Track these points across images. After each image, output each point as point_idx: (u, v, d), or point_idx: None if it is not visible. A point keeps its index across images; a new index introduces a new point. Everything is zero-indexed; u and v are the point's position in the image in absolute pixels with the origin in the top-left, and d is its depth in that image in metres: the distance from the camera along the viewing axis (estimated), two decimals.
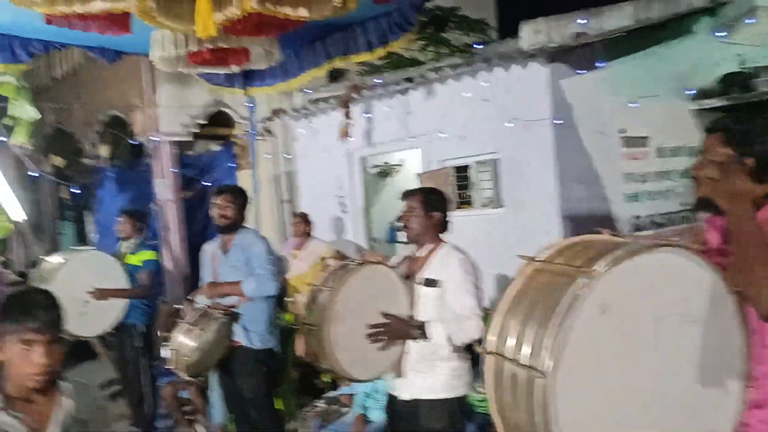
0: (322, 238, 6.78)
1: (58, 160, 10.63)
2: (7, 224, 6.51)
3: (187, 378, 3.98)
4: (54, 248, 10.55)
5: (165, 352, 3.95)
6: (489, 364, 1.70)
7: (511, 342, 1.63)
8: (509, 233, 5.81)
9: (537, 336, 1.55)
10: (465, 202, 6.45)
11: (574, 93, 5.76)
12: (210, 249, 4.31)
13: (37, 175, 8.32)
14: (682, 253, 1.65)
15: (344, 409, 4.22)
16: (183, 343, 3.77)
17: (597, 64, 5.77)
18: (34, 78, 10.37)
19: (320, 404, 4.40)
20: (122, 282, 5.24)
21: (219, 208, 4.11)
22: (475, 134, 6.09)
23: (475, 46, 7.21)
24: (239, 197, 4.24)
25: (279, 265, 4.20)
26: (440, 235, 3.14)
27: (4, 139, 6.45)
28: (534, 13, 6.41)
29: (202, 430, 5.23)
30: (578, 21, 5.97)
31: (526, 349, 1.57)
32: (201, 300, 4.14)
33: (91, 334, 5.49)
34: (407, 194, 3.18)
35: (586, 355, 1.54)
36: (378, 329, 2.78)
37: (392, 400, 3.13)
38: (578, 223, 5.71)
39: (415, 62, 8.49)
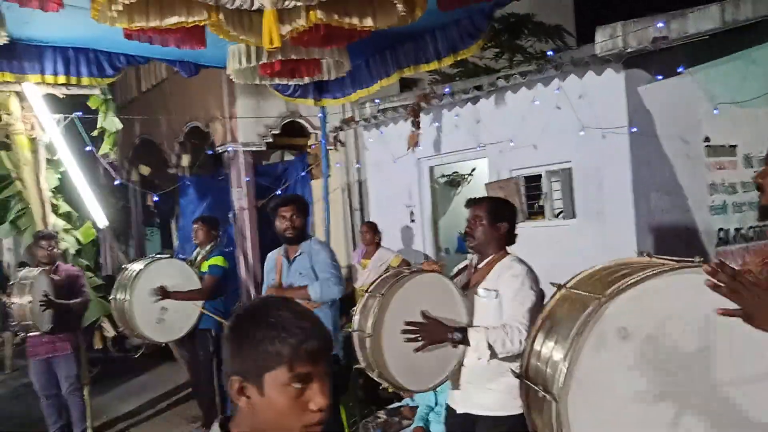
0: (391, 248, 6.78)
1: (145, 169, 11.20)
2: (91, 230, 6.87)
3: None
4: (141, 253, 11.12)
5: None
6: (522, 388, 1.70)
7: (534, 366, 1.64)
8: (583, 245, 5.61)
9: (554, 362, 1.55)
10: (536, 213, 6.29)
11: (653, 100, 5.51)
12: (274, 257, 4.38)
13: (121, 183, 8.76)
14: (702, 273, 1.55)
15: (405, 422, 4.17)
16: None
17: (678, 70, 5.49)
18: (124, 91, 11.02)
19: (382, 415, 4.37)
20: (195, 286, 5.41)
21: (286, 220, 4.16)
22: (546, 143, 5.94)
23: (549, 53, 7.06)
24: (304, 207, 4.30)
25: (341, 272, 4.21)
26: (507, 247, 3.04)
27: (91, 149, 6.81)
28: (614, 17, 6.20)
29: None
30: (657, 24, 5.72)
31: (548, 374, 1.57)
32: None
33: (168, 340, 5.71)
34: (473, 203, 3.10)
35: (600, 380, 1.51)
36: (413, 328, 2.70)
37: (450, 412, 3.07)
38: (660, 234, 5.45)
39: (489, 70, 8.39)
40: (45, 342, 5.41)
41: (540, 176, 6.18)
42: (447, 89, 6.72)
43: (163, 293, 5.21)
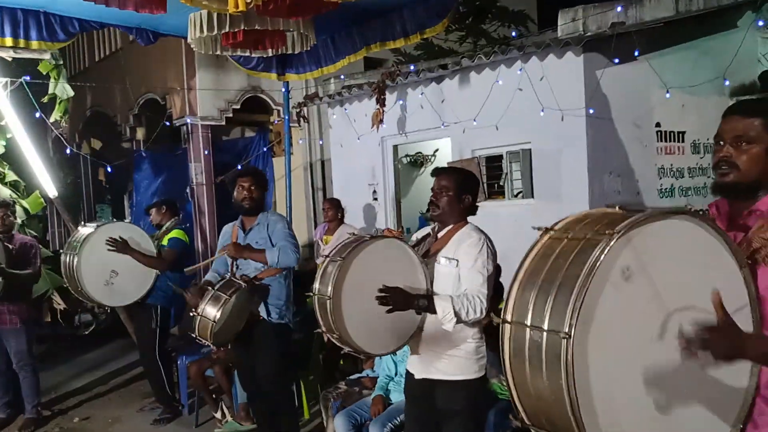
0: (354, 225, 6.77)
1: (96, 143, 10.84)
2: (40, 200, 6.64)
3: (212, 345, 4.01)
4: None
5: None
6: (506, 333, 1.64)
7: (531, 309, 1.59)
8: (541, 224, 5.70)
9: (559, 301, 1.52)
10: (496, 193, 6.37)
11: (610, 84, 5.63)
12: (230, 229, 4.36)
13: (73, 153, 8.47)
14: (696, 220, 1.64)
15: (366, 392, 4.19)
16: (209, 311, 3.82)
17: (635, 54, 5.62)
18: (75, 60, 10.63)
19: (342, 386, 4.38)
20: (149, 251, 5.30)
21: (245, 190, 4.16)
22: (508, 124, 6.00)
23: (513, 35, 7.11)
24: (263, 180, 4.31)
25: (298, 242, 4.24)
26: (467, 217, 3.08)
27: (40, 115, 6.57)
28: (576, 3, 6.31)
29: (225, 410, 5.26)
30: (617, 9, 5.84)
31: (548, 314, 1.54)
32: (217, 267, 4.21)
33: (113, 304, 5.59)
34: (440, 172, 3.13)
35: (609, 317, 1.52)
36: (383, 294, 2.73)
37: (409, 377, 3.12)
38: None
39: (452, 53, 8.42)
40: None
41: (501, 156, 6.25)
42: (413, 67, 6.71)
43: (122, 246, 5.05)
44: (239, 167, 8.48)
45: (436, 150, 8.17)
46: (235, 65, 6.67)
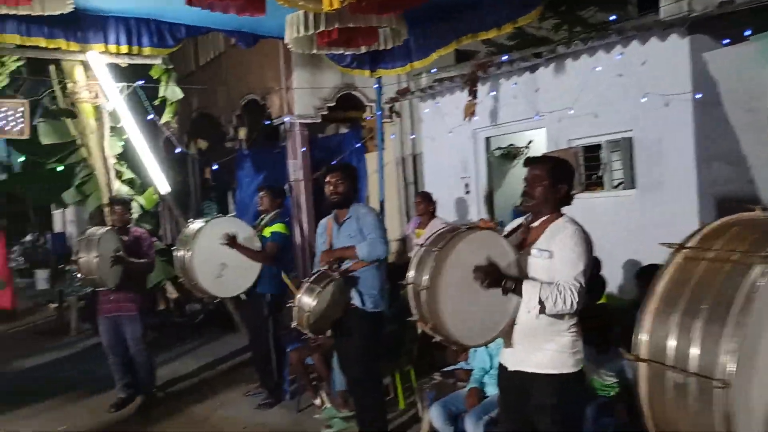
0: (446, 219, 6.78)
1: (202, 143, 11.46)
2: (154, 196, 7.11)
3: (310, 334, 4.21)
4: None
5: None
6: (643, 373, 1.47)
7: (671, 345, 1.39)
8: (642, 217, 5.49)
9: (708, 337, 1.30)
10: (594, 184, 6.17)
11: (718, 66, 5.31)
12: (325, 223, 4.55)
13: (182, 153, 8.99)
14: None
15: (460, 384, 4.21)
16: (305, 302, 4.01)
17: (745, 34, 5.27)
18: (181, 65, 11.25)
19: (436, 377, 4.42)
20: (256, 248, 5.54)
21: (331, 185, 4.33)
22: (607, 112, 5.81)
23: (612, 18, 6.86)
24: (350, 174, 4.45)
25: (387, 234, 4.39)
26: (561, 208, 3.01)
27: (153, 117, 7.04)
28: None
29: (324, 397, 5.43)
30: None
31: (694, 354, 1.33)
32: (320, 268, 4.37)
33: (224, 295, 5.89)
34: (534, 161, 3.07)
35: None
36: (479, 270, 2.73)
37: (502, 370, 3.08)
38: (722, 205, 5.28)
39: (547, 42, 8.22)
40: (112, 300, 5.66)
41: (599, 146, 6.05)
42: (505, 57, 6.62)
43: (231, 241, 5.32)
44: (333, 163, 8.70)
45: (530, 142, 8.01)
46: (330, 64, 6.85)
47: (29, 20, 5.24)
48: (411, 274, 2.87)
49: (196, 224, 5.51)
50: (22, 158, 9.26)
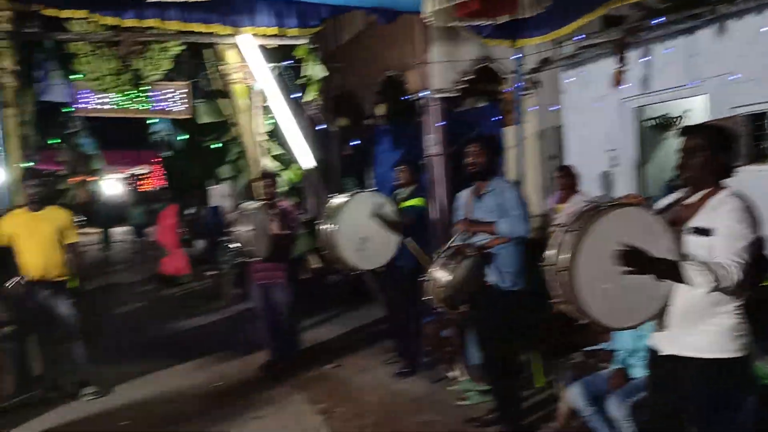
0: (589, 194, 6.48)
1: (342, 121, 11.79)
2: (300, 171, 7.45)
3: (442, 309, 4.21)
4: None
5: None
6: None
7: None
8: None
9: None
10: (762, 156, 5.60)
11: None
12: (464, 195, 4.48)
13: (324, 130, 9.31)
14: None
15: (602, 365, 4.04)
16: (439, 276, 4.00)
17: None
18: (323, 45, 11.61)
19: (576, 357, 4.27)
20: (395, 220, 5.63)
21: (470, 156, 4.24)
22: None
23: None
24: (490, 146, 4.34)
25: (528, 211, 4.23)
26: (721, 181, 2.74)
27: (298, 96, 7.34)
28: None
29: (460, 370, 5.45)
30: None
31: None
32: (457, 236, 4.34)
33: (366, 267, 6.06)
34: (691, 129, 2.83)
35: None
36: (623, 251, 2.55)
37: (653, 355, 2.89)
38: None
39: (704, 2, 7.52)
40: (262, 270, 6.04)
41: (766, 114, 5.47)
42: (658, 21, 6.14)
43: (381, 216, 5.43)
44: (474, 134, 8.60)
45: (685, 111, 7.41)
46: (468, 36, 6.75)
47: (189, 7, 5.65)
48: (550, 253, 2.76)
49: (340, 198, 5.71)
50: (185, 137, 10.08)
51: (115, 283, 13.01)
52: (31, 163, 6.68)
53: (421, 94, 8.52)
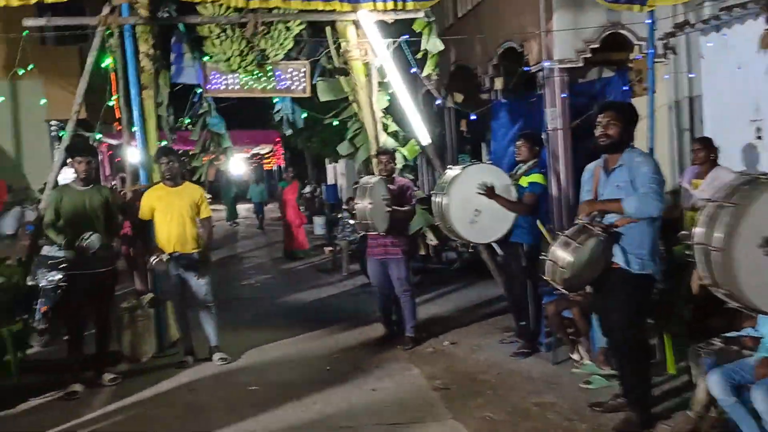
0: (730, 168, 5.96)
1: (458, 97, 11.62)
2: (416, 147, 7.43)
3: (563, 291, 4.02)
4: None
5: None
6: None
7: None
8: None
9: None
10: None
11: None
12: (592, 168, 4.21)
13: (441, 106, 9.22)
14: None
15: (746, 352, 3.70)
16: (560, 256, 3.79)
17: None
18: (440, 19, 11.47)
19: (717, 342, 3.95)
20: (512, 197, 5.49)
21: (601, 126, 3.97)
22: None
23: None
24: (625, 114, 4.03)
25: (664, 188, 3.89)
26: None
27: (415, 71, 7.29)
28: None
29: (583, 353, 5.25)
30: None
31: None
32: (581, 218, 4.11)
33: (477, 241, 6.01)
34: None
35: None
36: None
37: None
38: None
39: None
40: (380, 244, 6.11)
41: None
42: None
43: (489, 191, 5.36)
44: (592, 111, 8.17)
45: None
46: (594, 2, 6.38)
47: None
48: (700, 231, 2.53)
49: (453, 171, 5.66)
50: (304, 115, 10.36)
51: (240, 256, 13.75)
52: (166, 143, 7.13)
53: (543, 65, 8.19)
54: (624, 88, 8.28)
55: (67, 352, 5.48)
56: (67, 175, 6.52)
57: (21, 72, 7.37)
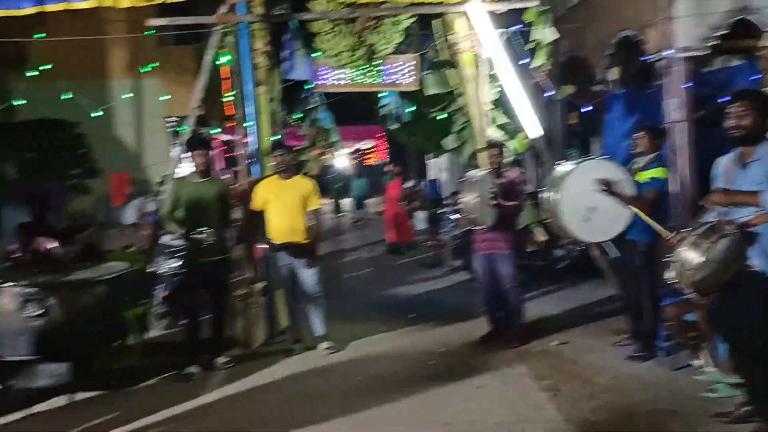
0: None
1: (569, 89, 11.21)
2: (525, 141, 7.22)
3: (691, 295, 3.74)
4: None
5: (668, 273, 3.75)
6: None
7: None
8: None
9: None
10: None
11: None
12: (725, 162, 3.90)
13: (549, 97, 8.92)
14: None
15: None
16: (688, 257, 3.52)
17: None
18: (554, 8, 11.10)
19: None
20: (630, 193, 5.20)
21: (735, 117, 3.68)
22: None
23: None
24: (760, 103, 3.72)
25: None
26: None
27: (527, 62, 7.09)
28: None
29: (707, 359, 4.90)
30: None
31: None
32: (711, 211, 3.82)
33: (590, 240, 5.76)
34: None
35: None
36: None
37: None
38: None
39: None
40: (486, 239, 6.00)
41: None
42: None
43: (608, 187, 5.08)
44: (717, 102, 7.62)
45: None
46: None
47: None
48: None
49: (565, 166, 5.44)
50: (411, 109, 10.34)
51: (344, 249, 14.01)
52: (278, 137, 7.34)
53: (663, 54, 7.72)
54: (754, 77, 7.65)
55: (185, 336, 5.78)
56: (184, 169, 6.87)
57: (143, 71, 7.83)
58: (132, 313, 5.94)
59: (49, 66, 9.25)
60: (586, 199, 5.19)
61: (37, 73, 9.33)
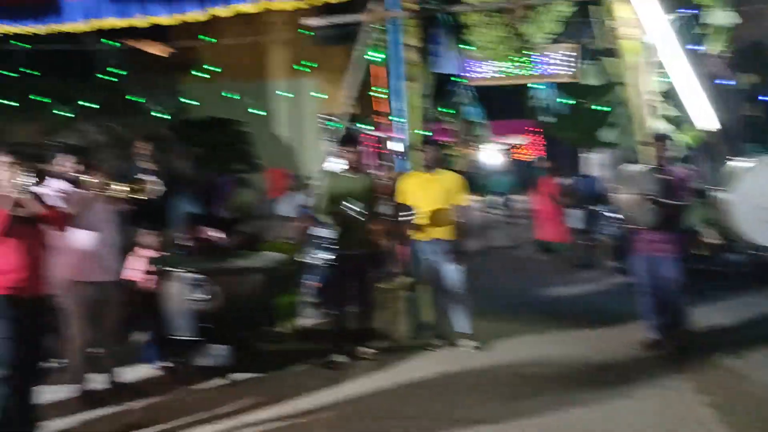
0: None
1: (750, 76, 10.11)
2: (699, 133, 6.57)
3: None
4: None
5: None
6: None
7: None
8: None
9: None
10: None
11: None
12: None
13: (729, 85, 8.07)
14: None
15: None
16: None
17: None
18: None
19: None
20: None
21: None
22: None
23: None
24: None
25: None
26: None
27: (699, 48, 6.45)
28: None
29: None
30: None
31: None
32: None
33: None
34: None
35: None
36: None
37: None
38: None
39: None
40: (648, 240, 5.55)
41: None
42: None
43: None
44: None
45: None
46: None
47: None
48: None
49: (742, 162, 4.96)
50: (566, 101, 9.87)
51: (491, 246, 13.73)
52: (428, 132, 7.31)
53: None
54: None
55: (333, 326, 5.94)
56: (335, 164, 7.07)
57: (298, 68, 8.15)
58: (284, 300, 6.21)
59: (219, 69, 9.95)
60: (766, 199, 4.70)
61: (207, 75, 10.08)
